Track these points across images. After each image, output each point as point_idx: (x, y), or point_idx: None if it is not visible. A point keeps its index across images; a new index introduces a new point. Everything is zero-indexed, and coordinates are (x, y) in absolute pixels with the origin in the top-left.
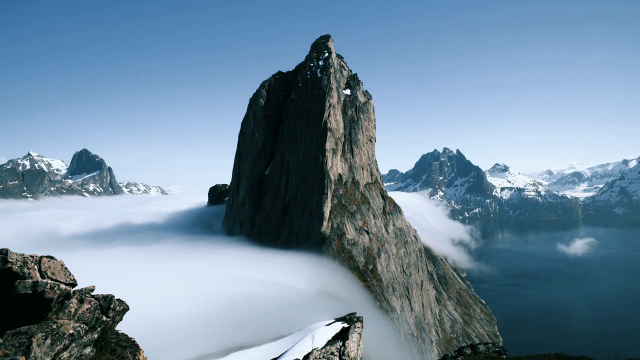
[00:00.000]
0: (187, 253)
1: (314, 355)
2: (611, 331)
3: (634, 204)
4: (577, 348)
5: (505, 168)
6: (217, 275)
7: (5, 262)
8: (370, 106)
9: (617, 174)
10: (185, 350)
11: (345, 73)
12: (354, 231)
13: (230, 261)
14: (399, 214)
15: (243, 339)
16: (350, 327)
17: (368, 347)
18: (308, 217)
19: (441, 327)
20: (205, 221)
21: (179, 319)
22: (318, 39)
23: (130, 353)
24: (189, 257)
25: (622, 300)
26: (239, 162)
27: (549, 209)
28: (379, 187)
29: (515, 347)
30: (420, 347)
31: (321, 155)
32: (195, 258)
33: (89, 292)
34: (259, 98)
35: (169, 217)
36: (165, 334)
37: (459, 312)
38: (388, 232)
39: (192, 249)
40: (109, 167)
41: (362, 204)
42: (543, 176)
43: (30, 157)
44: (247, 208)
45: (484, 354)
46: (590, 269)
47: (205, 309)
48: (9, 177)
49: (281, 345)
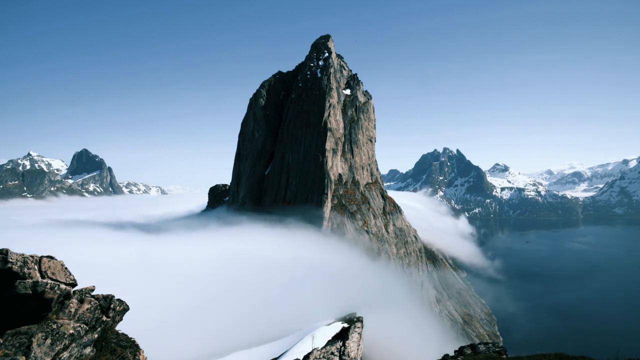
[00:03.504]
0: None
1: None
2: (611, 331)
3: (634, 204)
4: (577, 348)
5: (505, 168)
6: (217, 275)
7: (5, 262)
8: (370, 106)
9: (617, 174)
10: (186, 350)
11: (345, 73)
12: (354, 231)
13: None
14: (399, 214)
15: (243, 339)
16: (351, 327)
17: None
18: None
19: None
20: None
21: (179, 319)
22: (318, 39)
23: (130, 353)
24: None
25: (622, 300)
26: (239, 162)
27: (549, 209)
28: (379, 187)
29: (515, 347)
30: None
31: (321, 155)
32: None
33: (89, 292)
34: (259, 98)
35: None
36: (165, 334)
37: (459, 312)
38: (388, 232)
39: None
40: (109, 167)
41: (362, 204)
42: (543, 176)
43: (30, 157)
44: (247, 208)
45: (484, 354)
46: (590, 268)
47: (206, 309)
48: (9, 177)
49: (281, 345)
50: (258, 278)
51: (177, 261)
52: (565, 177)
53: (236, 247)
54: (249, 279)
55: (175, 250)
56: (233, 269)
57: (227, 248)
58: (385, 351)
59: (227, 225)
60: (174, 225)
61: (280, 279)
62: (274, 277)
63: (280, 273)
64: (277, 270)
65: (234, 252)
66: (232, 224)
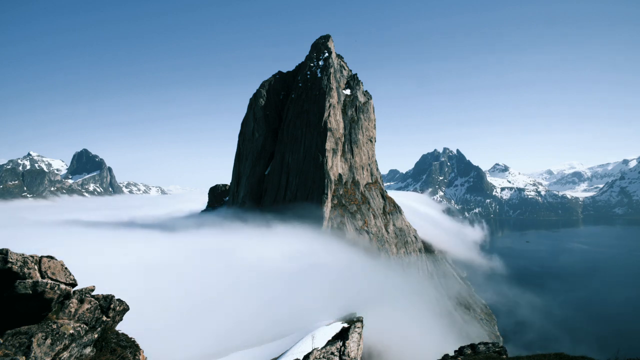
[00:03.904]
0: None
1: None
2: (611, 331)
3: (634, 203)
4: (577, 348)
5: (505, 168)
6: (217, 275)
7: (5, 262)
8: (370, 106)
9: (617, 174)
10: (186, 350)
11: (345, 73)
12: (354, 231)
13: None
14: (399, 213)
15: (243, 339)
16: (350, 327)
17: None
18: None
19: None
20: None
21: (179, 319)
22: (318, 39)
23: (130, 353)
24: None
25: (622, 300)
26: (239, 162)
27: (549, 209)
28: (379, 187)
29: (515, 347)
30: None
31: (321, 155)
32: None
33: (89, 292)
34: (259, 98)
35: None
36: (165, 334)
37: (459, 311)
38: (388, 232)
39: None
40: (109, 167)
41: (362, 204)
42: (543, 176)
43: (30, 157)
44: (247, 208)
45: (484, 354)
46: (590, 268)
47: (206, 309)
48: (9, 177)
49: (281, 345)
50: (258, 278)
51: (177, 261)
52: (565, 177)
53: (236, 247)
54: (248, 279)
55: (175, 250)
56: (233, 269)
57: (227, 248)
58: (385, 351)
59: (226, 225)
60: (174, 225)
61: (280, 278)
62: (273, 277)
63: (280, 273)
64: (276, 270)
65: (234, 252)
66: (231, 224)
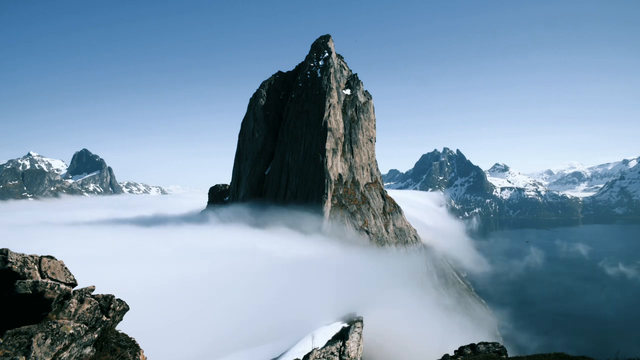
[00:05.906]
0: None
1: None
2: (611, 331)
3: (634, 203)
4: (577, 348)
5: (505, 168)
6: (217, 275)
7: (5, 262)
8: (370, 106)
9: (617, 174)
10: (186, 350)
11: (345, 73)
12: (354, 231)
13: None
14: (399, 213)
15: (243, 339)
16: (350, 327)
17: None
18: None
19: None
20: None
21: (179, 319)
22: (318, 39)
23: (130, 353)
24: (189, 256)
25: (622, 300)
26: (239, 162)
27: (549, 209)
28: (379, 187)
29: (515, 347)
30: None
31: (321, 155)
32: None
33: (89, 292)
34: (259, 98)
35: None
36: (165, 333)
37: (459, 311)
38: (388, 232)
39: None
40: (109, 167)
41: (362, 204)
42: (543, 176)
43: (30, 157)
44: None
45: (484, 354)
46: (590, 268)
47: (206, 308)
48: (9, 177)
49: (281, 345)
50: (258, 278)
51: (177, 261)
52: (565, 177)
53: (236, 247)
54: (248, 279)
55: (175, 250)
56: (233, 268)
57: (227, 248)
58: (385, 351)
59: (226, 225)
60: (174, 225)
61: (280, 278)
62: (273, 276)
63: (280, 273)
64: (276, 270)
65: (234, 252)
66: (231, 224)
